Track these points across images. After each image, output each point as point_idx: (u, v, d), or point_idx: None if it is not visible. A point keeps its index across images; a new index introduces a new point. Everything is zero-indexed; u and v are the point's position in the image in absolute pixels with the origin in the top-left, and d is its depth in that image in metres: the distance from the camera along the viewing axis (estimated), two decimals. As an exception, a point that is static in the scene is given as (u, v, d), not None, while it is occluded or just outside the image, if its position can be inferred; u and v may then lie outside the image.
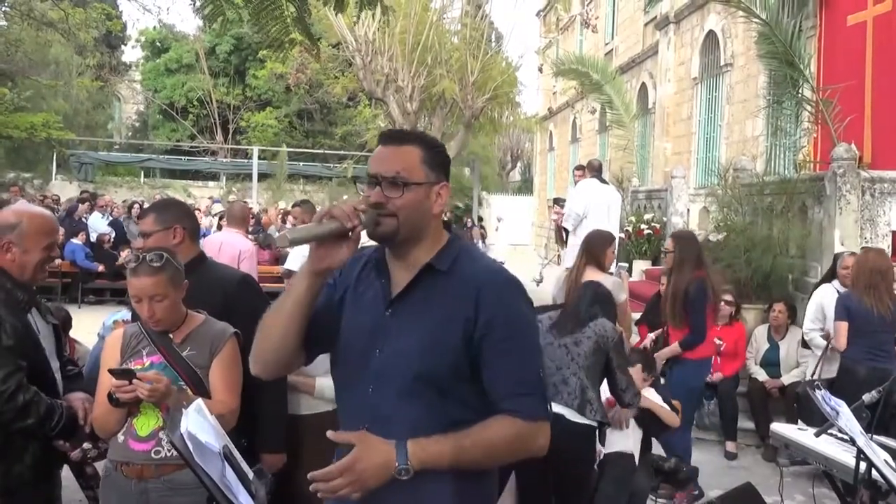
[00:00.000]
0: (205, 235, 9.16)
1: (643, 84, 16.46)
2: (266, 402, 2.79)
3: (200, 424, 2.03)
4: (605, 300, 3.85)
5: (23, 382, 2.50)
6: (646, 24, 16.25)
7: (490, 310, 1.70)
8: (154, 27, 31.56)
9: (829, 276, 5.96)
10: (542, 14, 26.60)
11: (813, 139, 9.06)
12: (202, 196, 23.84)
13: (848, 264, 5.66)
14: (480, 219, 21.16)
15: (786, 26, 8.39)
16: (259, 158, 26.07)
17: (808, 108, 8.51)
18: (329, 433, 1.64)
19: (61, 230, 7.77)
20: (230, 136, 31.21)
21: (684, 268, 5.00)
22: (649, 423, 4.23)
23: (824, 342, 5.73)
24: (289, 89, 29.15)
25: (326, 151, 26.37)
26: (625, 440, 4.05)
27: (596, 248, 4.90)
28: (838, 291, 5.64)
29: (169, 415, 2.41)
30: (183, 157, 29.50)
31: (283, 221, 14.51)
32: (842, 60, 8.88)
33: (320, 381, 3.12)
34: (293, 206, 8.91)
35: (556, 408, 3.41)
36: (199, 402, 2.14)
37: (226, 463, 2.00)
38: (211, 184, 28.06)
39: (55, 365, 2.73)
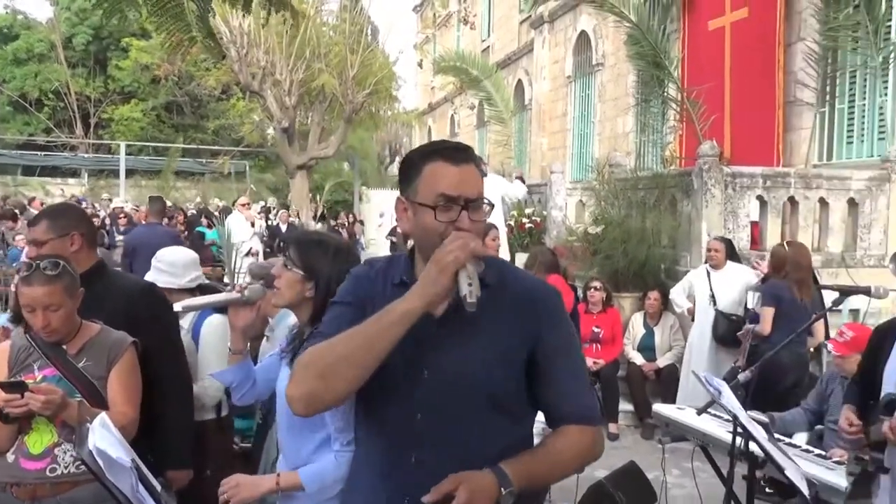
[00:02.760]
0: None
1: (519, 81, 16.92)
2: (170, 415, 2.69)
3: (107, 439, 1.95)
4: None
5: None
6: (521, 23, 16.71)
7: (552, 324, 1.67)
8: (5, 8, 29.23)
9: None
10: (418, 10, 26.76)
11: (679, 136, 9.65)
12: (61, 195, 22.38)
13: (713, 247, 6.22)
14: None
15: (654, 29, 8.86)
16: (126, 153, 24.78)
17: (674, 106, 9.04)
18: (424, 498, 1.47)
19: None
20: (91, 129, 29.44)
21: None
22: None
23: (688, 304, 6.53)
24: (156, 81, 27.84)
25: (199, 146, 25.37)
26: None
27: None
28: (708, 272, 6.32)
29: (65, 430, 2.29)
30: (39, 153, 27.56)
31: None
32: (704, 63, 9.50)
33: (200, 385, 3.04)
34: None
35: None
36: (104, 415, 2.05)
37: (136, 477, 1.94)
38: (71, 181, 26.42)
39: None
